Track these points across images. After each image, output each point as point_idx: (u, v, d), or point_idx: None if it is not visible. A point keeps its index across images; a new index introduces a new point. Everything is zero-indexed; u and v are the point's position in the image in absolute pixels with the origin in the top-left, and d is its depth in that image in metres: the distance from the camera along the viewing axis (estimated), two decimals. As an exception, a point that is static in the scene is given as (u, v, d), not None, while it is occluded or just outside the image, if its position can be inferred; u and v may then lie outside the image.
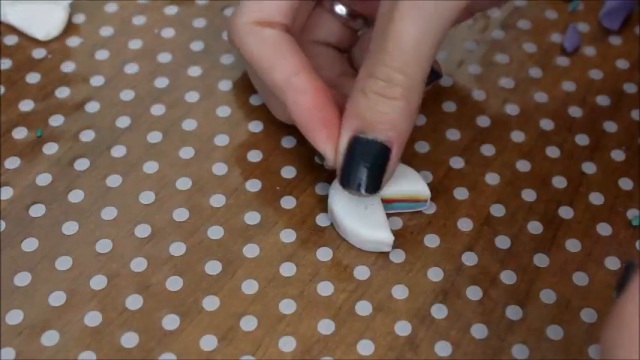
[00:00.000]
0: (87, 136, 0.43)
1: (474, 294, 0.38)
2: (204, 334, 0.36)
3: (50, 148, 0.42)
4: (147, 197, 0.41)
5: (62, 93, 0.45)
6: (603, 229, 0.40)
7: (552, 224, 0.40)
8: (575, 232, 0.40)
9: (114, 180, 0.41)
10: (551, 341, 0.37)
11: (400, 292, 0.38)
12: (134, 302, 0.37)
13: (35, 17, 0.46)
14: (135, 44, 0.47)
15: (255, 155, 0.42)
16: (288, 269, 0.39)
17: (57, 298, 0.37)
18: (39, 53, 0.46)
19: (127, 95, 0.45)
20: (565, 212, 0.41)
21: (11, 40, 0.47)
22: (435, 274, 0.39)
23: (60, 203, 0.40)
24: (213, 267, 0.38)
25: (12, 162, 0.42)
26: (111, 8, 0.49)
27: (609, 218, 0.41)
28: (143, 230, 0.40)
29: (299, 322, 0.37)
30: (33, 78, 0.45)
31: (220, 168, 0.42)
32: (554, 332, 0.37)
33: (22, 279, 0.38)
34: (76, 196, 0.41)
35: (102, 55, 0.46)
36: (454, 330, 0.37)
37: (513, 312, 0.38)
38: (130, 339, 0.36)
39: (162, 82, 0.45)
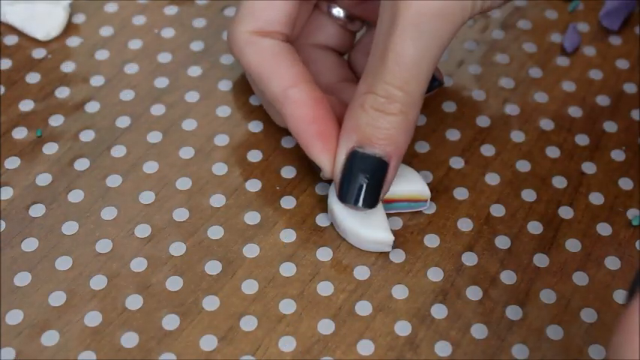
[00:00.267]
0: (87, 136, 0.43)
1: (474, 294, 0.38)
2: (204, 334, 0.36)
3: (50, 148, 0.42)
4: (147, 197, 0.41)
5: (62, 93, 0.45)
6: (603, 229, 0.40)
7: (552, 224, 0.40)
8: (575, 232, 0.40)
9: (114, 180, 0.41)
10: (551, 341, 0.37)
11: (400, 292, 0.38)
12: (134, 302, 0.37)
13: (35, 17, 0.46)
14: (135, 44, 0.47)
15: (255, 155, 0.42)
16: (288, 269, 0.39)
17: (57, 298, 0.37)
18: (39, 53, 0.46)
19: (127, 95, 0.45)
20: (565, 212, 0.41)
21: (11, 40, 0.47)
22: (435, 274, 0.39)
23: (60, 203, 0.40)
24: (213, 267, 0.38)
25: (12, 162, 0.42)
26: (111, 8, 0.49)
27: (609, 218, 0.41)
28: (143, 230, 0.40)
29: (299, 322, 0.37)
30: (33, 78, 0.45)
31: (220, 168, 0.42)
32: (554, 332, 0.37)
33: (22, 279, 0.38)
34: (76, 196, 0.41)
35: (102, 55, 0.46)
36: (454, 330, 0.37)
37: (513, 312, 0.38)
38: (130, 339, 0.36)
39: (162, 82, 0.45)
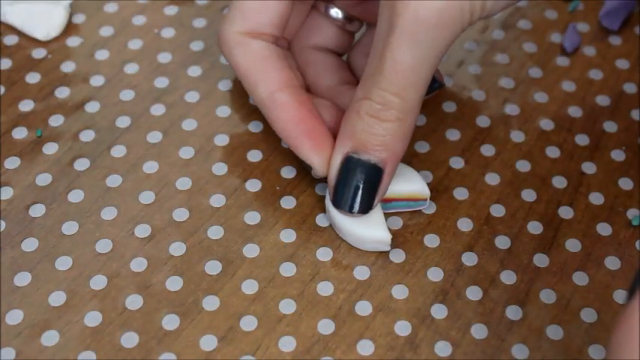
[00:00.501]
0: (87, 136, 0.43)
1: (474, 294, 0.38)
2: (204, 334, 0.36)
3: (50, 148, 0.42)
4: (147, 197, 0.41)
5: (62, 93, 0.45)
6: (603, 229, 0.40)
7: (552, 224, 0.40)
8: (575, 232, 0.40)
9: (114, 180, 0.41)
10: (551, 341, 0.37)
11: (400, 292, 0.38)
12: (134, 302, 0.37)
13: (35, 17, 0.46)
14: (135, 44, 0.47)
15: (255, 155, 0.42)
16: (288, 269, 0.39)
17: (57, 298, 0.37)
18: (39, 53, 0.46)
19: (127, 95, 0.45)
20: (565, 212, 0.41)
21: (11, 40, 0.47)
22: (435, 274, 0.39)
23: (60, 203, 0.40)
24: (213, 267, 0.38)
25: (12, 162, 0.42)
26: (111, 8, 0.49)
27: (609, 218, 0.41)
28: (143, 230, 0.40)
29: (299, 322, 0.37)
30: (33, 78, 0.45)
31: (220, 168, 0.42)
32: (554, 332, 0.37)
33: (22, 279, 0.38)
34: (76, 196, 0.41)
35: (102, 55, 0.46)
36: (454, 330, 0.37)
37: (513, 312, 0.38)
38: (130, 339, 0.36)
39: (162, 82, 0.45)
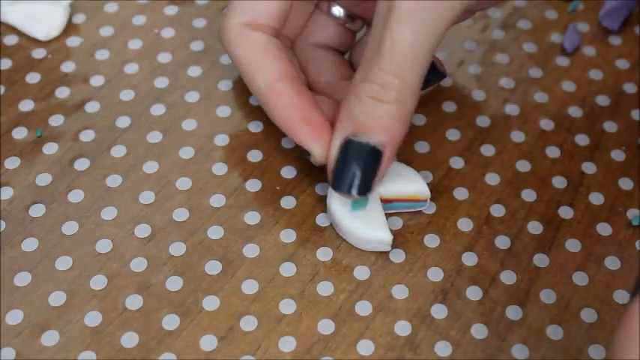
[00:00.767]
0: (87, 136, 0.43)
1: (474, 294, 0.38)
2: (204, 334, 0.36)
3: (50, 148, 0.42)
4: (147, 197, 0.41)
5: (62, 93, 0.45)
6: (603, 229, 0.40)
7: (552, 224, 0.40)
8: (575, 232, 0.40)
9: (114, 180, 0.41)
10: (551, 341, 0.37)
11: (400, 292, 0.38)
12: (134, 302, 0.37)
13: (35, 17, 0.46)
14: (135, 44, 0.47)
15: (255, 155, 0.42)
16: (288, 269, 0.39)
17: (57, 298, 0.37)
18: (39, 53, 0.46)
19: (127, 95, 0.45)
20: (565, 212, 0.41)
21: (11, 40, 0.47)
22: (435, 274, 0.39)
23: (60, 203, 0.40)
24: (213, 267, 0.38)
25: (12, 162, 0.42)
26: (111, 8, 0.49)
27: (609, 218, 0.41)
28: (143, 230, 0.40)
29: (299, 322, 0.37)
30: (33, 78, 0.45)
31: (220, 168, 0.42)
32: (554, 332, 0.37)
33: (22, 279, 0.38)
34: (76, 196, 0.41)
35: (102, 55, 0.46)
36: (454, 330, 0.37)
37: (513, 312, 0.38)
38: (130, 339, 0.36)
39: (162, 82, 0.45)
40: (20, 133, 0.43)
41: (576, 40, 0.48)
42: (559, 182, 0.42)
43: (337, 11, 0.43)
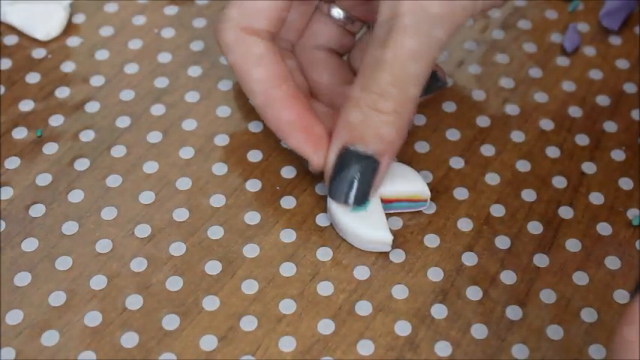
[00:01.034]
0: (87, 136, 0.43)
1: (474, 294, 0.38)
2: (204, 334, 0.36)
3: (50, 148, 0.42)
4: (147, 197, 0.41)
5: (62, 93, 0.45)
6: (603, 229, 0.40)
7: (552, 224, 0.40)
8: (575, 232, 0.40)
9: (114, 180, 0.41)
10: (551, 341, 0.37)
11: (400, 292, 0.38)
12: (134, 302, 0.37)
13: (35, 17, 0.46)
14: (135, 44, 0.47)
15: (255, 155, 0.42)
16: (288, 269, 0.39)
17: (57, 298, 0.37)
18: (39, 53, 0.46)
19: (127, 95, 0.45)
20: (565, 212, 0.41)
21: (11, 40, 0.47)
22: (435, 274, 0.39)
23: (60, 203, 0.40)
24: (213, 267, 0.38)
25: (12, 162, 0.42)
26: (111, 8, 0.49)
27: (609, 218, 0.41)
28: (143, 230, 0.40)
29: (299, 322, 0.37)
30: (33, 78, 0.45)
31: (220, 168, 0.42)
32: (554, 332, 0.37)
33: (22, 279, 0.38)
34: (76, 196, 0.41)
35: (102, 55, 0.46)
36: (454, 330, 0.37)
37: (513, 312, 0.38)
38: (130, 339, 0.36)
39: (162, 82, 0.45)
40: (20, 133, 0.43)
41: (576, 40, 0.48)
42: (559, 182, 0.42)
43: (337, 13, 0.43)
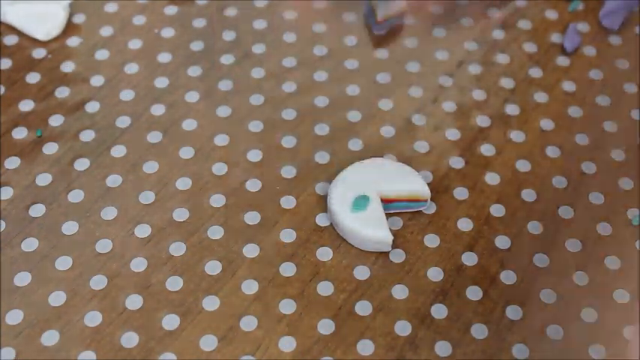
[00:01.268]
0: (87, 136, 0.43)
1: (474, 294, 0.38)
2: (204, 334, 0.36)
3: (50, 148, 0.42)
4: (147, 197, 0.41)
5: (62, 93, 0.45)
6: (603, 229, 0.40)
7: (552, 224, 0.40)
8: (575, 232, 0.40)
9: (114, 180, 0.41)
10: (551, 341, 0.37)
11: (400, 292, 0.38)
12: (134, 302, 0.37)
13: (35, 17, 0.46)
14: (135, 44, 0.47)
15: (255, 155, 0.43)
16: (288, 269, 0.39)
17: (57, 298, 0.37)
18: (39, 53, 0.46)
19: (127, 95, 0.45)
20: (565, 212, 0.41)
21: (11, 40, 0.47)
22: (435, 274, 0.39)
23: (60, 203, 0.40)
24: (213, 267, 0.38)
25: (12, 162, 0.42)
26: (111, 8, 0.49)
27: (609, 218, 0.41)
28: (143, 230, 0.40)
29: (299, 322, 0.37)
30: (33, 78, 0.45)
31: (220, 168, 0.42)
32: (554, 332, 0.37)
33: (22, 279, 0.38)
34: (76, 196, 0.41)
35: (102, 55, 0.46)
36: (454, 330, 0.37)
37: (513, 312, 0.38)
38: (130, 339, 0.36)
39: (162, 82, 0.45)
40: (20, 133, 0.43)
41: (576, 40, 0.48)
42: (559, 182, 0.42)
43: None
